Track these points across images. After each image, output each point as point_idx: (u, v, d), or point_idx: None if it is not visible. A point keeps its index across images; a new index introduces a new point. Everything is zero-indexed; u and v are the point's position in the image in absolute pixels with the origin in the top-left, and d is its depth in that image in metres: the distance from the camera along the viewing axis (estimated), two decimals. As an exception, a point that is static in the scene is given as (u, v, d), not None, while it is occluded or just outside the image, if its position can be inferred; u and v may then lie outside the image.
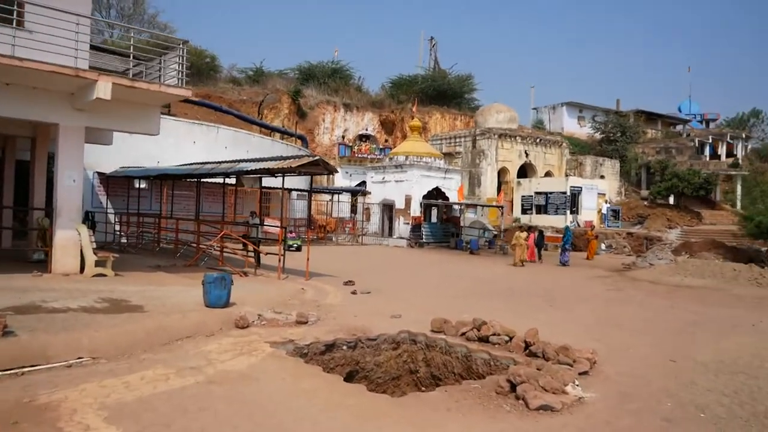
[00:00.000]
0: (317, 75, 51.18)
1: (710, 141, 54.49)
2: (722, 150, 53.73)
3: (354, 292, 12.77)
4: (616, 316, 11.92)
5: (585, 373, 7.09)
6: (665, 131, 61.14)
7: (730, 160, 50.52)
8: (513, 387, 6.26)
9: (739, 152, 53.86)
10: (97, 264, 12.03)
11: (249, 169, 14.70)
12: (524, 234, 22.58)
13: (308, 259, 14.97)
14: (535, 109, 61.68)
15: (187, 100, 36.74)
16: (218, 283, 9.19)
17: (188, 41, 12.21)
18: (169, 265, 15.35)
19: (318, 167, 14.06)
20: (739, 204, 43.54)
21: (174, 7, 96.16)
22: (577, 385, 6.46)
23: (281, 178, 16.27)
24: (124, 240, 22.55)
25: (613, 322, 11.15)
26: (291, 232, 25.76)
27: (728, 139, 54.45)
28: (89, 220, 24.14)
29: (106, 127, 12.81)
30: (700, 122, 67.29)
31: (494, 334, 8.62)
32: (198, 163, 18.48)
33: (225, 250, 16.54)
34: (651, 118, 60.66)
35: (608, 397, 6.28)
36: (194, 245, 17.58)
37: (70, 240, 11.86)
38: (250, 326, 8.74)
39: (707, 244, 24.59)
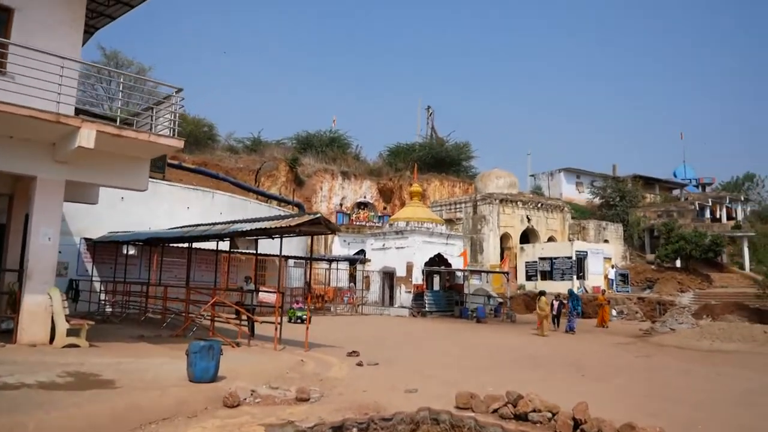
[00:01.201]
0: (315, 144, 50.99)
1: (709, 204, 54.05)
2: (720, 213, 53.18)
3: (360, 364, 11.31)
4: (662, 386, 10.48)
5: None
6: (663, 195, 60.99)
7: (732, 222, 49.84)
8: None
9: (739, 215, 53.28)
10: (70, 333, 10.62)
11: (245, 229, 13.51)
12: (547, 301, 21.19)
13: (308, 328, 13.56)
14: (532, 175, 61.51)
15: (182, 167, 36.37)
16: (205, 353, 7.82)
17: (182, 89, 11.31)
18: (154, 335, 13.89)
19: (319, 226, 12.91)
20: (747, 266, 42.38)
21: (174, 79, 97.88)
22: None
23: (279, 240, 15.13)
24: (109, 309, 21.05)
25: (662, 393, 9.71)
26: (297, 301, 24.20)
27: (727, 203, 54.03)
28: (73, 289, 22.76)
29: (90, 181, 11.66)
30: (696, 186, 67.35)
31: (534, 411, 7.23)
32: (190, 226, 17.31)
33: (217, 318, 15.07)
34: (648, 182, 60.56)
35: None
36: (183, 314, 16.15)
37: (40, 305, 10.50)
38: (241, 404, 7.30)
39: (729, 306, 23.31)
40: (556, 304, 23.05)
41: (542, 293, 21.64)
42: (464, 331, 21.91)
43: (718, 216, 52.72)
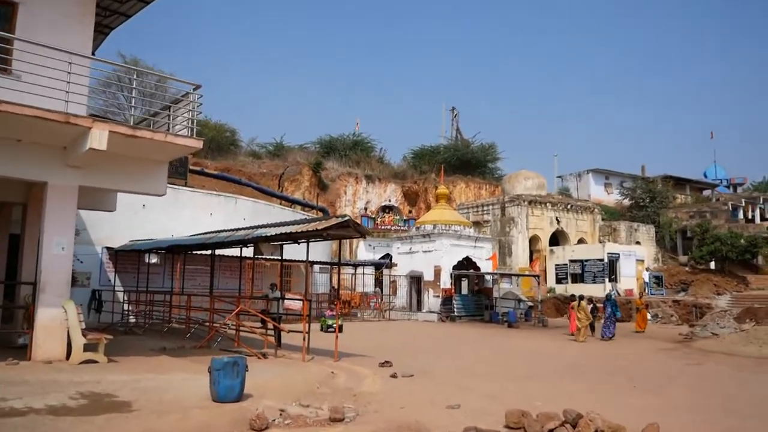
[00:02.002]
0: (338, 147, 50.43)
1: (742, 205, 52.29)
2: (753, 214, 51.37)
3: (394, 376, 10.54)
4: (724, 398, 9.53)
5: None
6: (695, 196, 59.31)
7: (767, 223, 48.08)
8: None
9: (773, 215, 51.46)
10: (87, 348, 10.04)
11: (270, 234, 12.86)
12: (587, 305, 20.21)
13: (337, 337, 12.84)
14: (559, 177, 60.18)
15: (204, 173, 36.02)
16: (229, 369, 7.14)
17: (200, 86, 10.69)
18: (177, 347, 13.29)
19: (347, 229, 12.20)
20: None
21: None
22: None
23: (305, 245, 14.46)
24: (132, 320, 20.59)
25: (727, 407, 8.78)
26: (330, 309, 22.93)
27: (760, 203, 52.21)
28: (96, 299, 22.40)
29: (105, 187, 11.09)
30: (727, 187, 65.66)
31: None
32: (212, 232, 16.75)
33: (242, 328, 14.41)
34: (679, 183, 58.94)
35: None
36: (207, 324, 15.57)
37: (55, 320, 9.93)
38: (270, 427, 6.59)
39: (773, 309, 21.97)
40: (589, 308, 21.83)
41: (582, 297, 20.63)
42: (496, 337, 21.03)
43: (750, 217, 51.05)
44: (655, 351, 17.26)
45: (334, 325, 17.77)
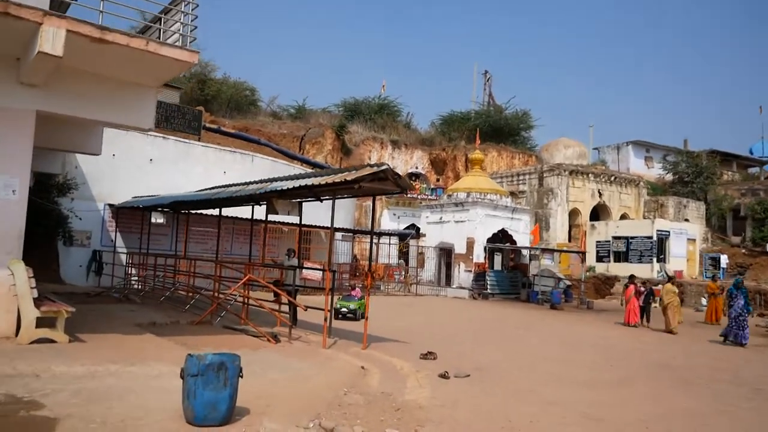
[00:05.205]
0: (363, 111, 47.57)
1: (798, 183, 48.41)
2: (806, 194, 47.50)
3: (445, 376, 7.93)
4: None
5: None
6: (742, 173, 55.39)
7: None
8: None
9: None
10: (42, 323, 7.59)
11: (287, 188, 10.25)
12: (675, 289, 16.89)
13: (367, 318, 10.27)
14: (596, 149, 56.66)
15: (221, 131, 33.35)
16: (212, 376, 4.59)
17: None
18: (169, 322, 10.84)
19: (384, 182, 9.53)
20: None
21: (215, 47, 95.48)
22: None
23: (328, 204, 11.86)
24: (135, 285, 18.34)
25: None
26: (353, 288, 17.08)
27: (816, 182, 48.33)
28: (96, 261, 20.20)
29: (72, 114, 8.42)
30: (775, 165, 61.49)
31: None
32: (220, 186, 14.21)
33: (251, 301, 11.91)
34: (726, 159, 55.00)
35: None
36: (211, 294, 13.13)
37: (0, 285, 7.49)
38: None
39: None
40: (643, 291, 18.53)
41: (671, 278, 17.56)
42: (543, 320, 18.36)
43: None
44: (752, 348, 14.21)
45: (351, 308, 14.70)
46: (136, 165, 21.20)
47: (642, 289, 18.49)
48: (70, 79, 7.71)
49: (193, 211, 17.92)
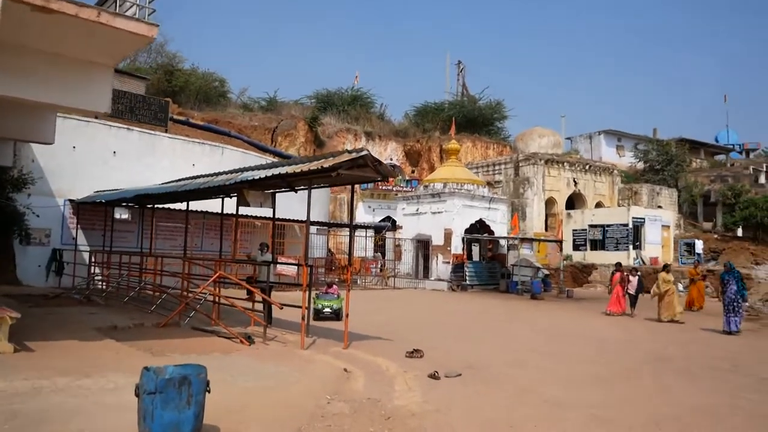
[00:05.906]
0: (336, 102, 46.70)
1: (764, 170, 49.22)
2: (768, 179, 48.32)
3: (434, 376, 7.31)
4: None
5: None
6: (710, 161, 56.29)
7: (790, 189, 45.08)
8: None
9: (790, 180, 48.42)
10: (-18, 331, 6.77)
11: (259, 177, 9.52)
12: (670, 277, 16.31)
13: (347, 315, 9.60)
14: (569, 138, 56.79)
15: (189, 123, 32.21)
16: (173, 393, 3.88)
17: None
18: (133, 325, 10.03)
19: (364, 169, 8.85)
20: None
21: (182, 37, 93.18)
22: None
23: (302, 195, 11.14)
24: (100, 285, 17.34)
25: None
26: (330, 285, 15.30)
27: (780, 168, 49.14)
28: (56, 260, 19.12)
29: (15, 95, 7.52)
30: (740, 152, 62.84)
31: None
32: (188, 178, 13.36)
33: (222, 299, 11.14)
34: (694, 147, 55.76)
35: None
36: (179, 293, 12.32)
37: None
38: None
39: None
40: (634, 280, 17.95)
41: (666, 267, 17.12)
42: (525, 311, 17.94)
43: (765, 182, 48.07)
44: (744, 334, 13.80)
45: (334, 308, 13.59)
46: (99, 158, 20.14)
47: (630, 277, 17.94)
48: (10, 55, 6.86)
49: (160, 206, 17.05)
